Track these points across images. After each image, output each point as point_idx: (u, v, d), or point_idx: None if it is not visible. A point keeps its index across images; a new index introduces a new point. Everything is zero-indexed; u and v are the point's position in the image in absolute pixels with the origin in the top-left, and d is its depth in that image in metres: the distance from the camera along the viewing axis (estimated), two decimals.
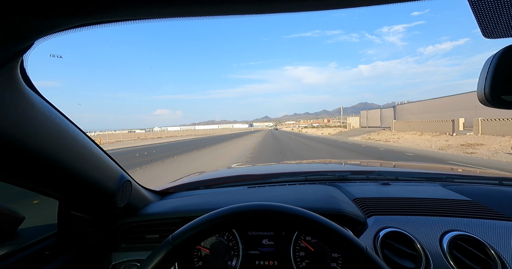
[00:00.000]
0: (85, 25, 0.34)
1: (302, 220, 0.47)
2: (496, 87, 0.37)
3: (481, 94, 0.39)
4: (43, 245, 0.68)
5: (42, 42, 0.39)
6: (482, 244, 0.66)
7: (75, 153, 0.58)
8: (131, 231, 0.87)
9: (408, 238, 0.70)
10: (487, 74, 0.37)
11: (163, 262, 0.44)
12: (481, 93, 0.39)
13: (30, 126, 0.46)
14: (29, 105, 0.46)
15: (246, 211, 0.48)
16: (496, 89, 0.37)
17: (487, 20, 0.33)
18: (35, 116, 0.47)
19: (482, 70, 0.39)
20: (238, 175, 1.54)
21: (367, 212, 0.82)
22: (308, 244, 0.79)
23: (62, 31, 0.35)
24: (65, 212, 0.71)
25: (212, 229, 0.48)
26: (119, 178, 0.75)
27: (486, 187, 1.02)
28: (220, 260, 0.80)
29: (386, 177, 1.17)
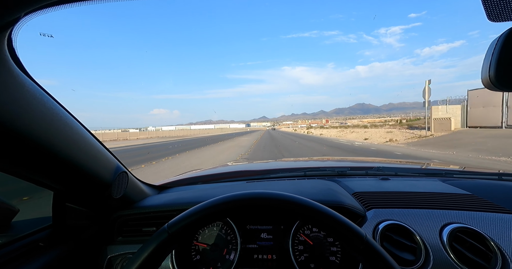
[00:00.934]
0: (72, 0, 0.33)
1: (300, 208, 0.46)
2: (502, 70, 0.36)
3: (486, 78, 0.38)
4: (37, 237, 0.67)
5: (30, 18, 0.37)
6: (482, 236, 0.66)
7: (68, 139, 0.56)
8: (128, 224, 0.86)
9: (408, 230, 0.70)
10: (492, 57, 0.37)
11: (158, 250, 0.43)
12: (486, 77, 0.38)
13: (19, 107, 0.44)
14: (18, 86, 0.44)
15: (243, 199, 0.47)
16: (502, 72, 0.36)
17: (493, 3, 0.33)
18: (24, 97, 0.45)
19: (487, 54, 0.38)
20: (236, 171, 1.53)
21: (367, 205, 0.82)
22: (307, 237, 0.78)
23: (49, 6, 0.34)
24: (60, 204, 0.69)
25: (208, 217, 0.46)
26: (115, 169, 0.74)
27: (486, 181, 1.02)
28: (218, 253, 0.80)
29: (385, 173, 1.17)
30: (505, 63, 0.36)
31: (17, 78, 0.44)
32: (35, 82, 0.50)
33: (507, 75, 0.37)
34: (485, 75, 0.38)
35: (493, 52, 0.37)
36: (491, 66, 0.37)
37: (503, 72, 0.36)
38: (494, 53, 0.37)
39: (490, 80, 0.38)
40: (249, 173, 1.43)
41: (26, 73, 0.47)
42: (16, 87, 0.44)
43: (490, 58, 0.37)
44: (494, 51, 0.37)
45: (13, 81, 0.43)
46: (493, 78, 0.37)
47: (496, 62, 0.36)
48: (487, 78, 0.38)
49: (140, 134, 45.58)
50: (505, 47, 0.36)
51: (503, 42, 0.36)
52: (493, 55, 0.37)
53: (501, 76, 0.37)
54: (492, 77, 0.37)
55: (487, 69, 0.38)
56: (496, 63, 0.36)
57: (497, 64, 0.36)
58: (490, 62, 0.37)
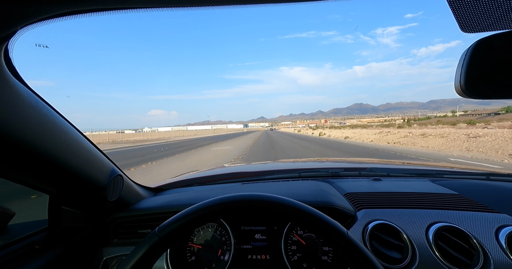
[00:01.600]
0: (68, 13, 0.33)
1: (284, 208, 0.48)
2: (470, 79, 0.39)
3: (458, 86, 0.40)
4: (33, 240, 0.68)
5: (27, 30, 0.38)
6: (465, 234, 0.68)
7: (63, 144, 0.57)
8: (123, 226, 0.87)
9: (396, 229, 0.72)
10: (462, 67, 0.39)
11: (149, 253, 0.44)
12: (457, 85, 0.40)
13: (15, 114, 0.45)
14: (14, 94, 0.45)
15: (227, 201, 0.48)
16: (471, 81, 0.39)
17: (464, 15, 0.34)
18: (20, 105, 0.46)
19: (458, 64, 0.40)
20: (232, 173, 1.55)
21: (357, 205, 0.84)
22: (300, 237, 0.80)
23: (45, 19, 0.35)
24: (55, 207, 0.70)
25: (198, 219, 0.48)
26: (110, 172, 0.75)
27: (473, 181, 1.04)
28: (212, 254, 0.81)
29: (378, 173, 1.19)
30: (473, 73, 0.38)
31: (13, 87, 0.45)
32: (30, 90, 0.51)
33: (476, 84, 0.39)
34: (457, 84, 0.40)
35: (463, 63, 0.39)
36: (461, 76, 0.39)
37: (471, 81, 0.39)
38: (464, 63, 0.39)
39: (461, 88, 0.40)
40: (245, 174, 1.45)
41: (22, 81, 0.49)
42: (11, 95, 0.45)
43: (461, 68, 0.39)
44: (464, 62, 0.39)
45: (9, 90, 0.44)
46: (463, 87, 0.39)
47: (465, 72, 0.38)
48: (458, 86, 0.40)
49: (135, 135, 44.94)
50: (472, 58, 0.38)
51: (471, 54, 0.38)
52: (463, 66, 0.39)
53: (470, 85, 0.39)
54: (462, 86, 0.39)
55: (458, 78, 0.40)
56: (466, 73, 0.38)
57: (466, 74, 0.38)
58: (461, 72, 0.39)
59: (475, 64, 0.38)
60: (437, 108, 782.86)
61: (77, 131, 0.64)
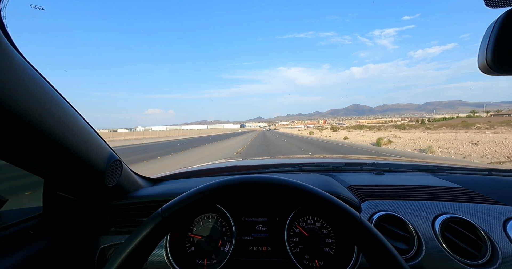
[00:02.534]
0: None
1: (294, 190, 0.46)
2: (499, 52, 0.37)
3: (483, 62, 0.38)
4: (27, 225, 0.65)
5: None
6: (473, 226, 0.67)
7: (60, 121, 0.54)
8: (121, 214, 0.85)
9: (401, 220, 0.71)
10: (489, 41, 0.37)
11: (152, 234, 0.43)
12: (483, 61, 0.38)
13: (8, 82, 0.42)
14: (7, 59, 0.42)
15: (237, 183, 0.46)
16: (499, 55, 0.37)
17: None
18: (13, 72, 0.43)
19: (483, 39, 0.38)
20: (232, 166, 1.53)
21: (361, 197, 0.83)
22: (303, 229, 0.79)
23: None
24: (51, 192, 0.68)
25: (203, 201, 0.45)
26: (109, 156, 0.72)
27: (476, 176, 1.04)
28: (213, 245, 0.80)
29: (379, 168, 1.18)
30: (502, 46, 0.36)
31: (5, 50, 0.42)
32: (27, 61, 0.47)
33: (504, 58, 0.37)
34: (482, 60, 0.38)
35: (490, 36, 0.37)
36: (487, 50, 0.37)
37: (500, 55, 0.37)
38: (491, 37, 0.37)
39: (488, 64, 0.38)
40: (245, 168, 1.43)
41: (16, 49, 0.45)
42: (5, 60, 0.41)
43: (487, 43, 0.37)
44: (491, 35, 0.37)
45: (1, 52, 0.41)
46: (490, 62, 0.37)
47: (493, 45, 0.37)
48: (484, 62, 0.38)
49: (126, 134, 44.13)
50: (501, 30, 0.36)
51: (500, 26, 0.36)
52: (490, 39, 0.37)
53: (498, 59, 0.37)
54: (489, 61, 0.37)
55: (484, 54, 0.38)
56: (493, 46, 0.37)
57: (494, 47, 0.37)
58: (487, 46, 0.37)
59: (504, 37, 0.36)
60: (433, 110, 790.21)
61: (75, 110, 0.60)
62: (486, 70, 0.39)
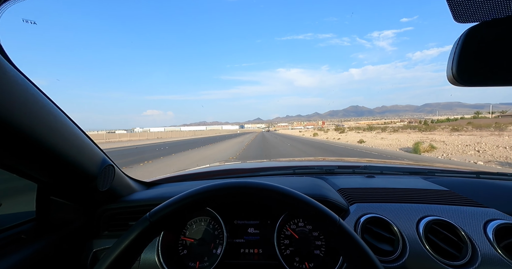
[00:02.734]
0: None
1: (276, 194, 0.47)
2: (462, 67, 0.39)
3: (450, 75, 0.41)
4: (19, 229, 0.66)
5: (12, 4, 0.36)
6: (455, 228, 0.69)
7: (52, 128, 0.55)
8: (114, 218, 0.86)
9: (387, 223, 0.72)
10: (454, 55, 0.39)
11: (140, 238, 0.43)
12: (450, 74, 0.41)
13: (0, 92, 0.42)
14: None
15: (222, 188, 0.48)
16: (462, 69, 0.39)
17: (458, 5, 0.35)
18: (4, 81, 0.44)
19: (450, 53, 0.41)
20: (227, 169, 1.55)
21: (350, 200, 0.84)
22: (294, 231, 0.80)
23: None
24: (44, 197, 0.69)
25: (189, 206, 0.47)
26: (101, 161, 0.73)
27: (464, 179, 1.06)
28: (205, 248, 0.81)
29: (371, 171, 1.20)
30: (464, 61, 0.39)
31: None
32: (15, 68, 0.48)
33: (467, 71, 0.40)
34: (449, 73, 0.41)
35: (455, 51, 0.39)
36: (453, 64, 0.40)
37: (463, 68, 0.39)
38: (455, 51, 0.39)
39: (453, 76, 0.40)
40: (239, 171, 1.45)
41: (6, 57, 0.46)
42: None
43: (452, 57, 0.40)
44: (455, 50, 0.39)
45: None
46: (455, 75, 0.40)
47: (457, 59, 0.39)
48: (450, 75, 0.41)
49: (121, 136, 43.42)
50: (464, 46, 0.39)
51: (462, 42, 0.39)
52: (455, 53, 0.39)
53: (461, 72, 0.40)
54: (454, 74, 0.40)
55: (450, 67, 0.40)
56: (458, 61, 0.39)
57: (458, 61, 0.39)
58: (452, 60, 0.40)
59: (467, 52, 0.39)
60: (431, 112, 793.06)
61: (67, 117, 0.61)
62: (453, 81, 0.41)
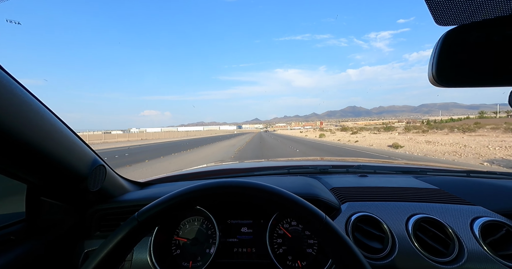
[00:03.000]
0: None
1: (263, 193, 0.48)
2: (440, 68, 0.41)
3: (430, 76, 0.42)
4: (8, 231, 0.65)
5: None
6: (443, 225, 0.71)
7: (40, 129, 0.55)
8: (106, 219, 0.86)
9: (377, 221, 0.73)
10: (433, 57, 0.41)
11: (128, 238, 0.44)
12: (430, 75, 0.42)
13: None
14: None
15: (210, 187, 0.48)
16: (441, 70, 0.41)
17: (439, 8, 0.36)
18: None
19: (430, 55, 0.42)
20: (222, 169, 1.55)
21: (342, 199, 0.85)
22: (286, 230, 0.81)
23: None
24: (34, 198, 0.68)
25: (177, 205, 0.47)
26: (92, 162, 0.73)
27: (454, 178, 1.08)
28: (198, 248, 0.81)
29: (364, 170, 1.21)
30: (443, 63, 0.41)
31: None
32: (3, 69, 0.48)
33: (446, 73, 0.41)
34: (429, 74, 0.42)
35: (434, 53, 0.41)
36: (433, 65, 0.41)
37: (442, 70, 0.41)
38: (435, 53, 0.41)
39: (433, 77, 0.42)
40: (234, 171, 1.45)
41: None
42: None
43: (433, 58, 0.41)
44: (435, 52, 0.41)
45: None
46: (435, 76, 0.41)
47: (436, 61, 0.41)
48: (431, 76, 0.42)
49: (118, 136, 42.51)
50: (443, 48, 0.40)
51: (441, 44, 0.40)
52: (434, 56, 0.41)
53: (440, 74, 0.41)
54: (434, 75, 0.41)
55: (430, 68, 0.42)
56: (437, 62, 0.41)
57: (437, 63, 0.41)
58: (432, 62, 0.41)
59: (445, 54, 0.40)
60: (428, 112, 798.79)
61: (55, 117, 0.61)
62: (433, 82, 0.43)
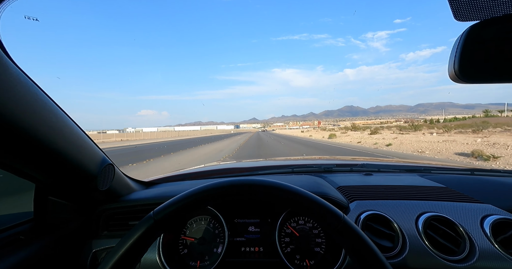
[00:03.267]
0: None
1: (282, 192, 0.47)
2: (464, 64, 0.40)
3: (452, 72, 0.42)
4: (17, 230, 0.65)
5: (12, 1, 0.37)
6: (453, 223, 0.71)
7: (53, 126, 0.55)
8: (114, 218, 0.85)
9: (387, 219, 0.73)
10: (456, 53, 0.40)
11: (144, 237, 0.44)
12: (452, 71, 0.42)
13: (2, 90, 0.43)
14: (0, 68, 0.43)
15: (228, 185, 0.48)
16: (464, 65, 0.40)
17: (459, 3, 0.36)
18: (7, 79, 0.44)
19: (452, 51, 0.42)
20: (226, 168, 1.55)
21: (350, 197, 0.85)
22: (294, 229, 0.81)
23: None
24: (42, 197, 0.68)
25: (194, 203, 0.47)
26: (101, 161, 0.73)
27: (459, 176, 1.09)
28: (206, 247, 0.81)
29: (369, 169, 1.22)
30: (466, 58, 0.40)
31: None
32: (18, 67, 0.48)
33: (469, 68, 0.41)
34: (451, 70, 0.42)
35: (457, 49, 0.40)
36: (455, 61, 0.41)
37: (465, 65, 0.40)
38: (457, 49, 0.40)
39: (455, 73, 0.41)
40: (238, 170, 1.45)
41: (7, 55, 0.46)
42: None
43: (455, 54, 0.41)
44: (457, 48, 0.40)
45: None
46: (457, 72, 0.41)
47: (459, 57, 0.40)
48: (452, 72, 0.42)
49: (109, 136, 41.54)
50: (466, 43, 0.40)
51: (464, 39, 0.40)
52: (457, 51, 0.40)
53: (463, 69, 0.40)
54: (456, 71, 0.41)
55: (452, 64, 0.41)
56: (459, 58, 0.40)
57: (460, 59, 0.40)
58: (455, 57, 0.41)
59: (469, 49, 0.40)
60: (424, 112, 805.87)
61: (67, 116, 0.61)
62: (455, 78, 0.43)
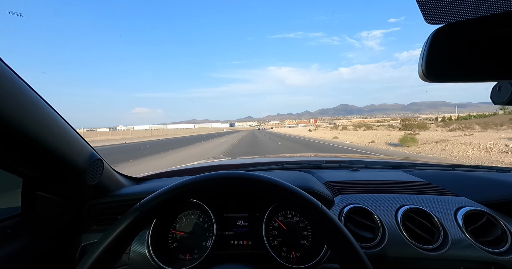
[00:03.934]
0: None
1: (262, 184, 0.49)
2: (430, 64, 0.43)
3: (420, 72, 0.44)
4: (4, 225, 0.65)
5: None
6: (430, 215, 0.75)
7: (40, 122, 0.55)
8: (103, 212, 0.86)
9: (369, 212, 0.77)
10: (423, 54, 0.43)
11: (130, 227, 0.44)
12: (420, 71, 0.44)
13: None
14: None
15: (212, 178, 0.49)
16: (430, 66, 0.43)
17: (429, 7, 0.37)
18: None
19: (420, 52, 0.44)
20: (218, 165, 1.56)
21: (335, 192, 0.89)
22: (281, 223, 0.83)
23: None
24: (29, 192, 0.68)
25: (179, 195, 0.48)
26: (89, 156, 0.73)
27: (440, 171, 1.14)
28: (195, 241, 0.83)
29: (356, 165, 1.26)
30: (432, 59, 0.42)
31: None
32: (2, 61, 0.48)
33: (434, 69, 0.43)
34: (419, 70, 0.44)
35: (424, 49, 0.43)
36: (422, 62, 0.43)
37: (431, 66, 0.43)
38: (425, 50, 0.43)
39: (423, 73, 0.44)
40: (229, 166, 1.46)
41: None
42: None
43: (422, 54, 0.43)
44: (425, 48, 0.43)
45: None
46: (424, 72, 0.43)
47: (426, 57, 0.42)
48: (420, 72, 0.44)
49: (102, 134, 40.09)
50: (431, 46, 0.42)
51: (430, 42, 0.42)
52: (424, 52, 0.43)
53: (429, 70, 0.43)
54: (424, 71, 0.43)
55: (420, 64, 0.44)
56: (426, 58, 0.42)
57: (426, 60, 0.43)
58: (422, 57, 0.43)
59: (434, 51, 0.42)
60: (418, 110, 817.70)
61: (54, 111, 0.61)
62: (423, 78, 0.45)
